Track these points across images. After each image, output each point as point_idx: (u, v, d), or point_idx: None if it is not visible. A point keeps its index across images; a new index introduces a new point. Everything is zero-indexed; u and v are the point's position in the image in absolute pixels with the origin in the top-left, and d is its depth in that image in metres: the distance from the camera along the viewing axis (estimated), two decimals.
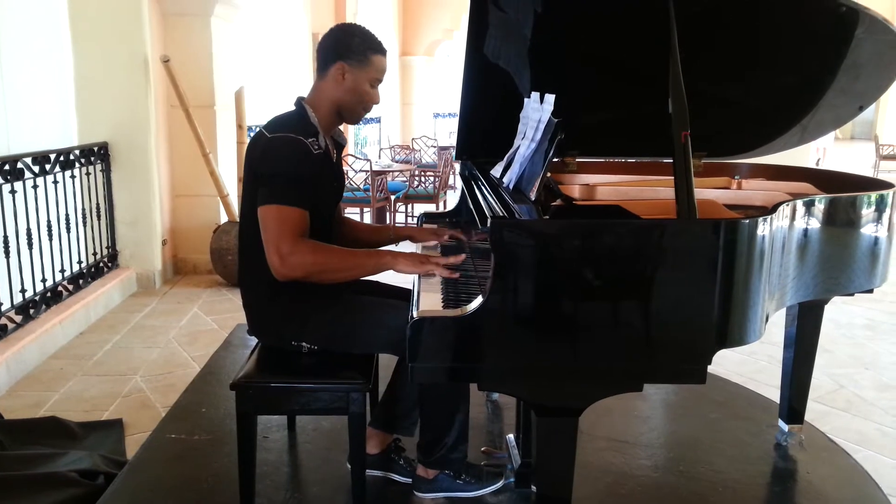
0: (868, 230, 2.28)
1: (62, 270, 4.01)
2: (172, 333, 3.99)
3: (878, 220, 2.30)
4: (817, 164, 13.39)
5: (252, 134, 2.82)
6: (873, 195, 2.29)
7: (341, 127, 2.20)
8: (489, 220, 1.63)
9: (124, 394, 3.17)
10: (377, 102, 2.13)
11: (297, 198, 1.92)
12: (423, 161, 9.93)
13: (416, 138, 10.86)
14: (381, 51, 2.07)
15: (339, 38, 2.05)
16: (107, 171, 4.62)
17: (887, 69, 2.53)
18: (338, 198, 2.26)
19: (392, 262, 1.97)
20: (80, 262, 4.27)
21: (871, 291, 2.38)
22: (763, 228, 1.70)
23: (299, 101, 2.09)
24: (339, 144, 2.22)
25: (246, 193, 2.04)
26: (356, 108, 2.09)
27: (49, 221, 3.85)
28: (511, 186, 2.04)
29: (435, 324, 1.60)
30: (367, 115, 2.25)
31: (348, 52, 2.02)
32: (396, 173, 7.85)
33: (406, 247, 2.42)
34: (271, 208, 1.91)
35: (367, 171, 6.90)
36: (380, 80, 2.10)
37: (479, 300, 1.60)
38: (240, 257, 2.14)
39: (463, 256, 2.02)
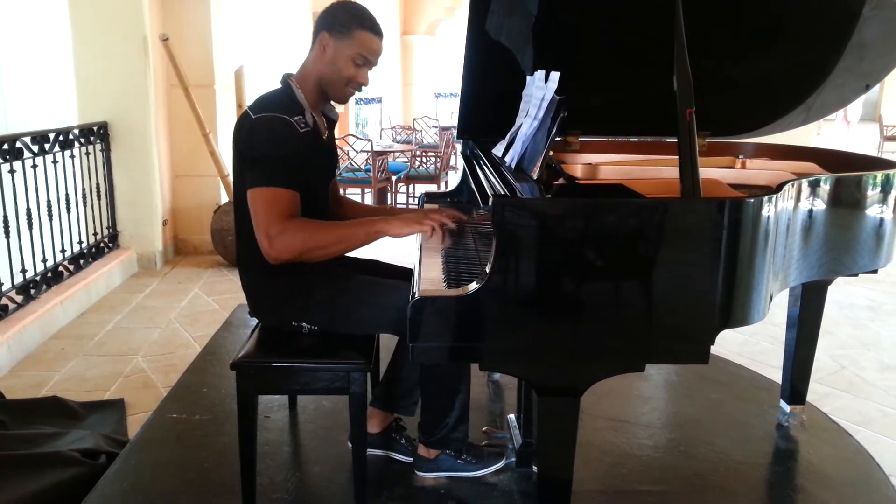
0: (873, 210, 2.26)
1: (62, 251, 4.01)
2: (173, 314, 3.99)
3: (884, 200, 2.28)
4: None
5: None
6: (879, 175, 2.27)
7: (340, 106, 2.16)
8: (491, 199, 1.62)
9: (125, 374, 3.17)
10: (363, 83, 2.04)
11: (285, 179, 1.88)
12: (425, 141, 9.87)
13: (417, 119, 10.78)
14: (369, 27, 1.98)
15: (329, 9, 2.00)
16: (106, 151, 4.60)
17: (895, 48, 2.50)
18: (330, 175, 2.22)
19: (385, 228, 1.92)
20: (80, 243, 4.26)
21: (875, 272, 2.37)
22: (768, 208, 1.68)
23: (286, 78, 2.04)
24: (331, 120, 2.17)
25: (237, 175, 2.01)
26: (338, 84, 2.01)
27: (49, 201, 3.84)
28: (513, 165, 2.01)
29: (436, 303, 1.59)
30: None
31: (333, 22, 1.97)
32: (398, 154, 7.81)
33: None
34: (259, 191, 1.88)
35: (368, 152, 6.87)
36: (367, 60, 2.00)
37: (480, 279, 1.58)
38: (237, 239, 2.12)
39: (463, 218, 1.99)
